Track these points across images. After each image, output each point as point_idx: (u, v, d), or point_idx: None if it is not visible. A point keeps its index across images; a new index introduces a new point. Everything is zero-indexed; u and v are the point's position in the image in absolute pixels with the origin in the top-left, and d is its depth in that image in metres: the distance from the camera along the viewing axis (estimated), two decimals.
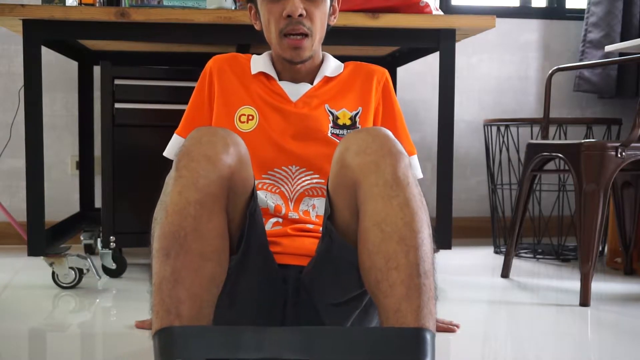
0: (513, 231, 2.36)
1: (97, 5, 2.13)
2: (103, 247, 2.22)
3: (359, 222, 1.05)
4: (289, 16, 1.33)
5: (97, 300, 2.01)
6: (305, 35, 1.36)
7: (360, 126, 1.42)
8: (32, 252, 2.01)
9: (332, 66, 1.48)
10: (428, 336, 0.95)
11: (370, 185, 1.03)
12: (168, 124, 1.85)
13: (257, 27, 1.48)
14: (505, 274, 2.37)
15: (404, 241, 0.99)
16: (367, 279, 1.03)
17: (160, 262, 0.99)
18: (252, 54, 1.53)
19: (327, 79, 1.46)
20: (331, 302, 1.22)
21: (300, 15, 1.33)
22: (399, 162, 1.04)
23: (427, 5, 2.06)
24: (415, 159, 1.54)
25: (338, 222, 1.14)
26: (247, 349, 0.92)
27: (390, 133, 1.08)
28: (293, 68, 1.43)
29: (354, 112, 1.43)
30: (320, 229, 1.32)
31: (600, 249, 2.78)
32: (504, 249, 2.61)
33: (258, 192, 1.35)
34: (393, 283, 0.98)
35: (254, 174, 1.36)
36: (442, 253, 2.27)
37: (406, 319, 0.96)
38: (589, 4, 3.14)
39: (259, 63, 1.46)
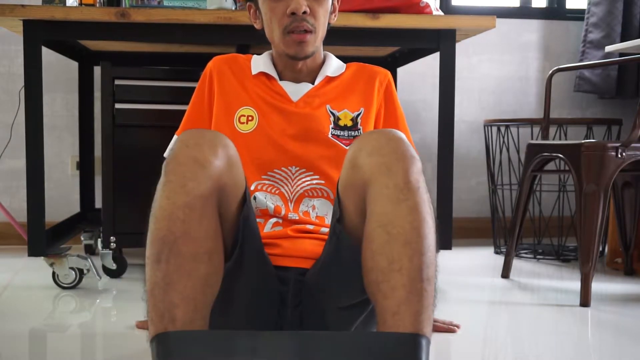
0: (513, 231, 2.36)
1: (98, 5, 2.12)
2: (103, 247, 2.22)
3: (365, 223, 1.04)
4: (292, 13, 1.33)
5: (98, 300, 2.00)
6: (310, 31, 1.36)
7: (361, 127, 1.41)
8: (33, 252, 2.00)
9: (333, 66, 1.47)
10: (424, 342, 0.95)
11: (380, 186, 1.02)
12: (168, 124, 1.85)
13: (257, 27, 1.47)
14: (505, 274, 2.37)
15: (409, 245, 0.98)
16: (368, 279, 1.02)
17: (151, 267, 1.00)
18: (252, 54, 1.53)
19: (329, 79, 1.45)
20: (337, 305, 1.21)
21: (305, 12, 1.33)
22: (412, 166, 1.03)
23: (427, 5, 2.06)
24: None
25: (347, 225, 1.13)
26: (243, 353, 0.91)
27: (404, 136, 1.07)
28: (294, 67, 1.42)
29: (356, 113, 1.42)
30: (321, 229, 1.32)
31: (601, 249, 2.78)
32: (504, 250, 2.61)
33: (257, 193, 1.34)
34: (395, 285, 0.97)
35: (253, 175, 1.36)
36: (443, 253, 2.24)
37: (404, 323, 0.95)
38: (589, 4, 3.14)
39: (260, 63, 1.45)
